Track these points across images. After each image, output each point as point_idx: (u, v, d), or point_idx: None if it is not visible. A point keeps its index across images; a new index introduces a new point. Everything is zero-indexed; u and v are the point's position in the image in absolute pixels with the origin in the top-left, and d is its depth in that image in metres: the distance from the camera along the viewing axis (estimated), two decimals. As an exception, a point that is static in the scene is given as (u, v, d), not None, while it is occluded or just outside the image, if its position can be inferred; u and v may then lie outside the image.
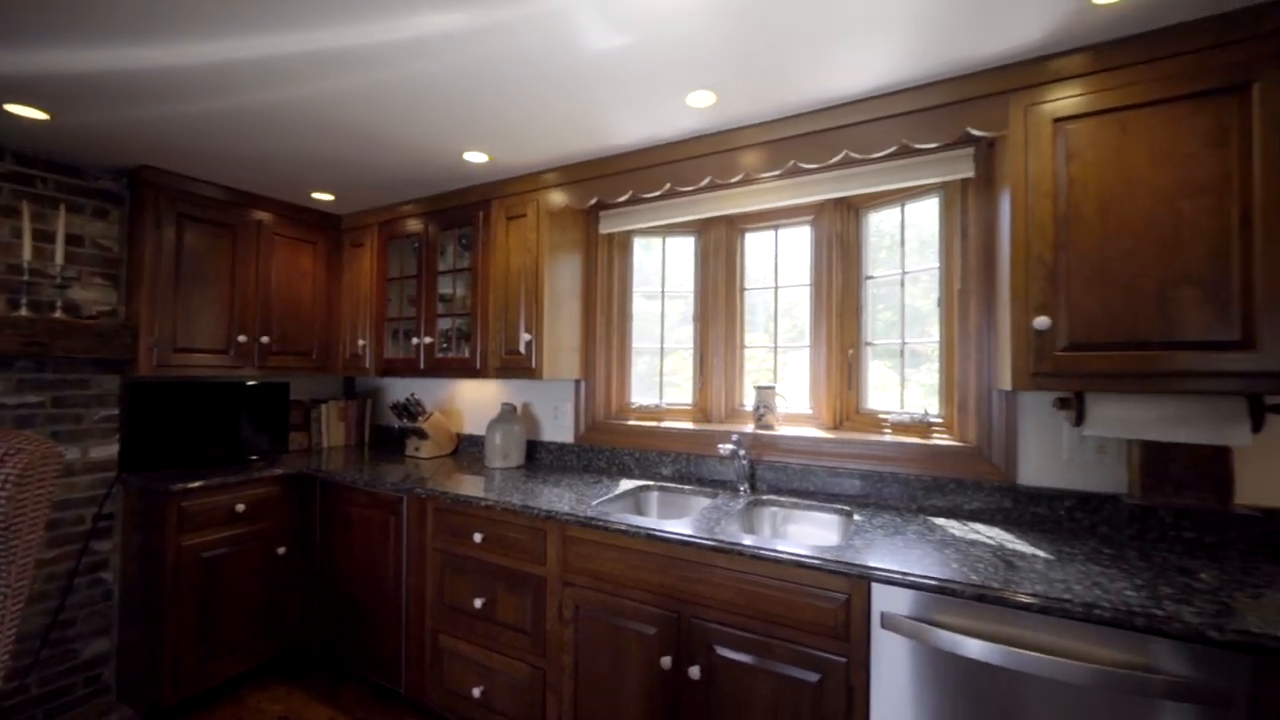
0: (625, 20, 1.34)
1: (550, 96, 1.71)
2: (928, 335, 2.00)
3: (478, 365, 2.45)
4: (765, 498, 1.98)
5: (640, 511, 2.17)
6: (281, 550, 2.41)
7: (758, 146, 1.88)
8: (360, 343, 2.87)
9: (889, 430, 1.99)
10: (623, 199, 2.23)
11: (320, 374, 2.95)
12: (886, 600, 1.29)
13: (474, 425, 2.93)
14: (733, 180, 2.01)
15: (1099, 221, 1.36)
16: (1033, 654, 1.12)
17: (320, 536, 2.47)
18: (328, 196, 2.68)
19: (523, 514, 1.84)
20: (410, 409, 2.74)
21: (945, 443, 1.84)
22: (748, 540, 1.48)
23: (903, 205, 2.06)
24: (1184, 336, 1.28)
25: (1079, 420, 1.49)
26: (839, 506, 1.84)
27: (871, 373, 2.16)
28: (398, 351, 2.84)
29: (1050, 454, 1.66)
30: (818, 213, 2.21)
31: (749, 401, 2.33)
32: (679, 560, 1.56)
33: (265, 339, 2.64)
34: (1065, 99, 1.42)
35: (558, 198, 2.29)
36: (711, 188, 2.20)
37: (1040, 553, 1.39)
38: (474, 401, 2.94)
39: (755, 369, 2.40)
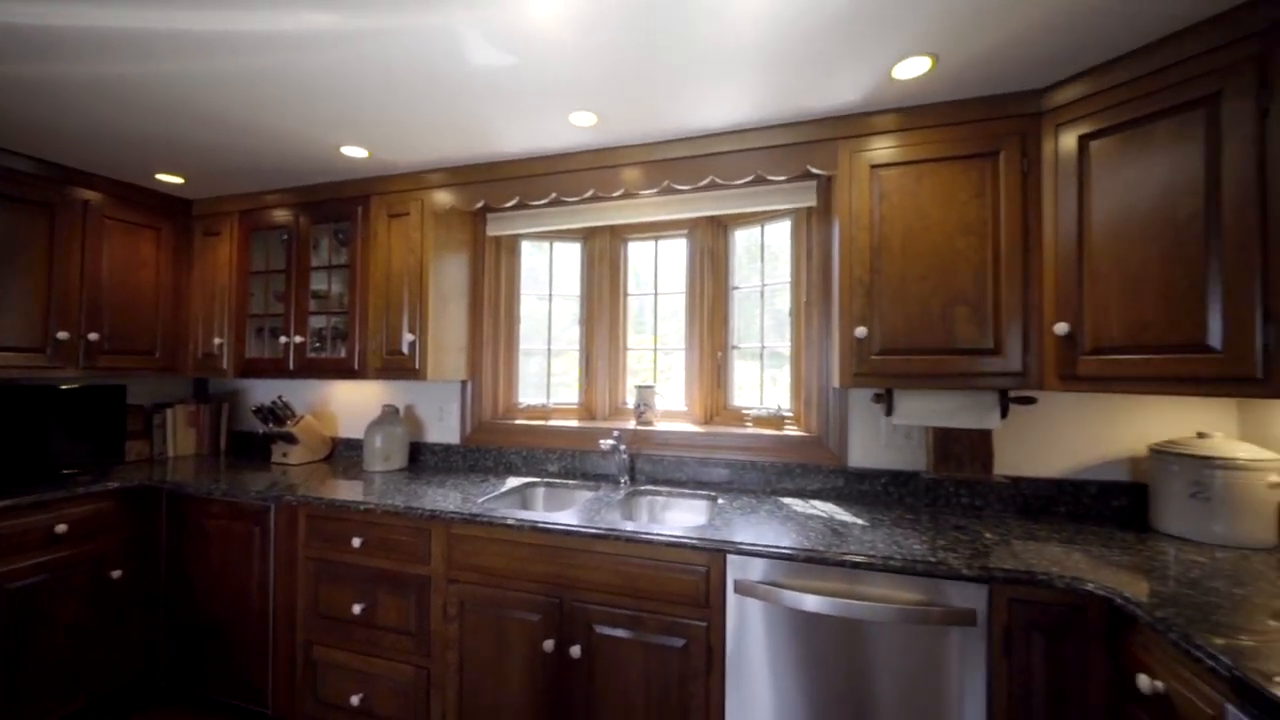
0: (509, 43, 1.42)
1: (437, 102, 1.73)
2: (784, 340, 2.29)
3: (356, 366, 2.36)
4: (643, 488, 2.15)
5: (527, 507, 2.24)
6: (117, 573, 2.15)
7: (637, 165, 2.05)
8: (216, 341, 2.62)
9: (750, 424, 2.26)
10: (510, 204, 2.29)
11: (166, 375, 2.65)
12: (739, 569, 1.50)
13: (351, 428, 2.80)
14: (615, 194, 2.16)
15: (901, 251, 1.69)
16: (851, 601, 1.38)
17: (168, 554, 2.24)
18: (176, 179, 2.43)
19: (406, 515, 1.84)
20: (277, 413, 2.56)
21: (794, 434, 2.14)
22: (626, 526, 1.63)
23: (763, 226, 2.34)
24: (959, 345, 1.64)
25: (889, 412, 1.83)
26: (707, 493, 2.07)
27: (737, 373, 2.42)
28: (262, 351, 2.64)
29: (871, 440, 2.01)
30: (692, 227, 2.43)
31: (631, 400, 2.50)
32: (562, 549, 1.67)
33: (94, 336, 2.33)
34: (880, 149, 1.73)
35: (444, 198, 2.29)
36: (595, 199, 2.33)
37: (860, 521, 1.70)
38: (351, 403, 2.82)
39: (637, 369, 2.57)
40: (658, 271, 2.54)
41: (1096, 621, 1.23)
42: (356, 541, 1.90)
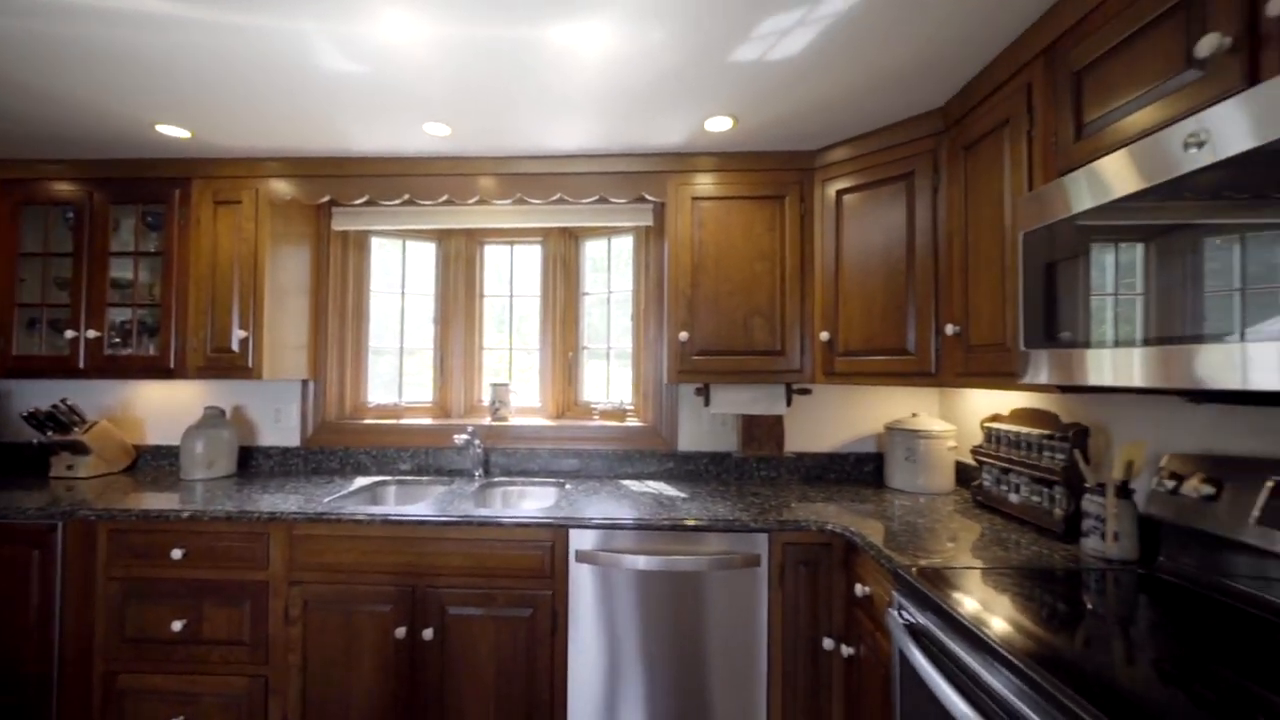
0: (361, 55, 1.49)
1: (279, 96, 1.71)
2: (628, 341, 2.58)
3: (172, 364, 2.16)
4: (497, 480, 2.29)
5: (377, 504, 2.25)
6: None
7: (492, 176, 2.18)
8: (-32, 335, 2.19)
9: (598, 417, 2.51)
10: (360, 200, 2.27)
11: (-113, 376, 2.15)
12: (580, 541, 1.73)
13: (163, 434, 2.52)
14: (470, 201, 2.26)
15: (715, 270, 2.06)
16: (672, 557, 1.69)
17: (-103, 594, 1.85)
18: (-92, 137, 2.00)
19: (241, 520, 1.77)
20: (60, 419, 2.22)
21: (634, 424, 2.43)
22: (478, 512, 1.77)
23: (609, 239, 2.61)
24: (757, 348, 2.05)
25: (708, 403, 2.20)
26: (557, 480, 2.27)
27: (588, 371, 2.66)
28: (38, 347, 2.26)
29: (695, 427, 2.38)
30: (546, 236, 2.62)
31: (487, 398, 2.61)
32: (414, 539, 1.75)
33: None
34: (699, 185, 2.09)
35: (283, 188, 2.19)
36: (451, 203, 2.41)
37: (683, 494, 2.03)
38: (163, 406, 2.52)
39: (496, 368, 2.69)
40: (513, 275, 2.69)
41: (839, 552, 1.68)
42: (177, 554, 1.77)
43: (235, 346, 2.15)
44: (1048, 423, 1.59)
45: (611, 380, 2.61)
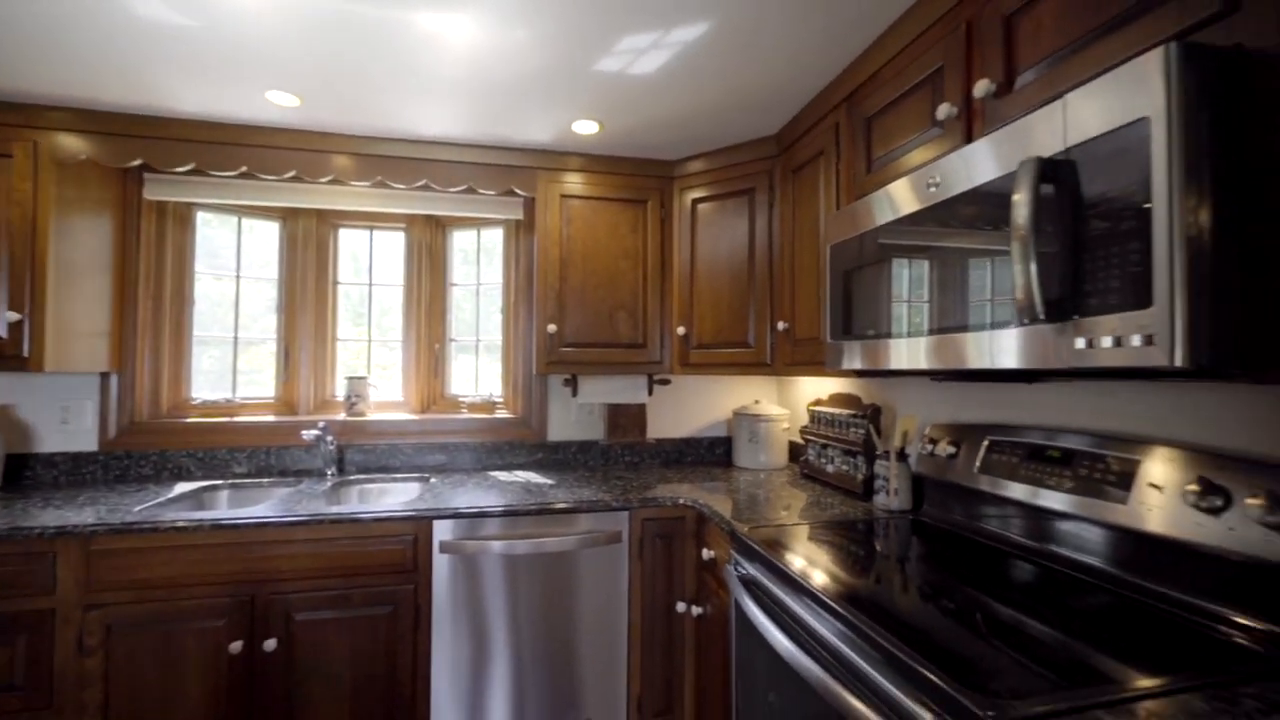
0: (187, 6, 1.34)
1: (80, 35, 1.46)
2: (498, 334, 2.58)
3: (-94, 353, 1.73)
4: (353, 478, 2.17)
5: (206, 509, 2.00)
6: None
7: (351, 156, 2.06)
8: None
9: (466, 410, 2.49)
10: (184, 169, 2.00)
11: None
12: (444, 532, 1.73)
13: (-114, 442, 1.99)
14: (324, 179, 2.11)
15: (582, 266, 2.16)
16: (540, 540, 1.75)
17: None
18: None
19: (13, 539, 1.49)
20: None
21: (504, 416, 2.45)
22: (332, 510, 1.68)
23: (479, 230, 2.59)
24: (622, 341, 2.19)
25: (575, 393, 2.29)
26: (421, 475, 2.21)
27: (456, 363, 2.61)
28: None
29: (564, 417, 2.46)
30: (410, 223, 2.52)
31: (342, 392, 2.44)
32: (255, 544, 1.61)
33: None
34: (568, 183, 2.17)
35: (76, 145, 1.86)
36: (299, 180, 2.22)
37: (550, 481, 2.10)
38: (-114, 408, 1.99)
39: (351, 362, 2.52)
40: (373, 262, 2.54)
41: (691, 523, 1.87)
42: (-82, 583, 1.44)
43: (3, 332, 1.78)
44: (854, 404, 1.93)
45: (481, 373, 2.60)
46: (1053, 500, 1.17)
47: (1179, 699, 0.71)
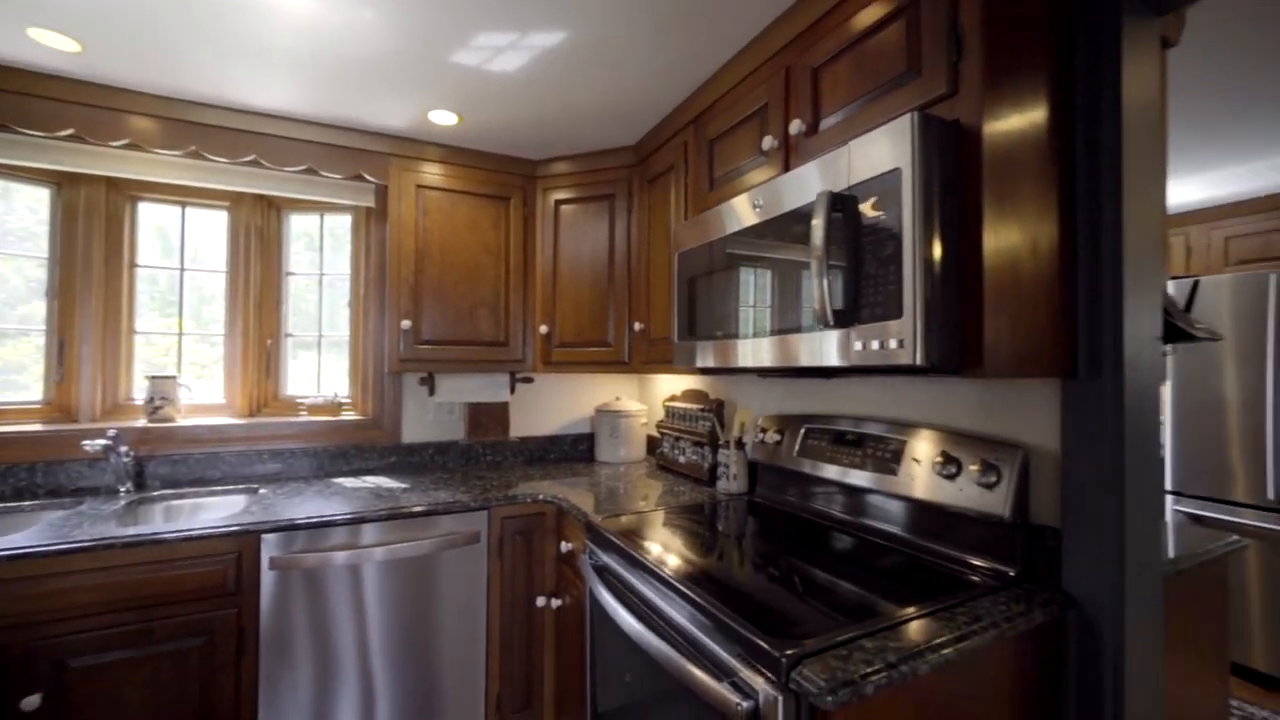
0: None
1: None
2: (345, 329, 2.38)
3: None
4: (157, 493, 1.87)
5: (-67, 548, 1.59)
6: None
7: (154, 119, 1.77)
8: None
9: (306, 412, 2.26)
10: (-103, 113, 1.57)
11: None
12: (275, 547, 1.57)
13: None
14: (117, 143, 1.78)
15: (440, 260, 2.08)
16: (393, 547, 1.66)
17: None
18: None
19: None
20: None
21: (352, 418, 2.27)
22: (126, 532, 1.44)
23: (322, 216, 2.37)
24: (483, 338, 2.15)
25: (432, 392, 2.21)
26: (248, 486, 1.97)
27: (294, 361, 2.36)
28: None
29: (421, 418, 2.35)
30: (236, 202, 2.23)
31: (142, 394, 2.08)
32: (10, 582, 1.33)
33: None
34: (426, 173, 2.08)
35: None
36: (82, 140, 1.85)
37: (404, 485, 2.00)
38: None
39: (158, 358, 2.16)
40: (184, 243, 2.20)
41: (551, 519, 1.91)
42: None
43: None
44: (703, 399, 2.11)
45: (325, 372, 2.38)
46: (851, 476, 1.40)
47: (917, 623, 0.91)
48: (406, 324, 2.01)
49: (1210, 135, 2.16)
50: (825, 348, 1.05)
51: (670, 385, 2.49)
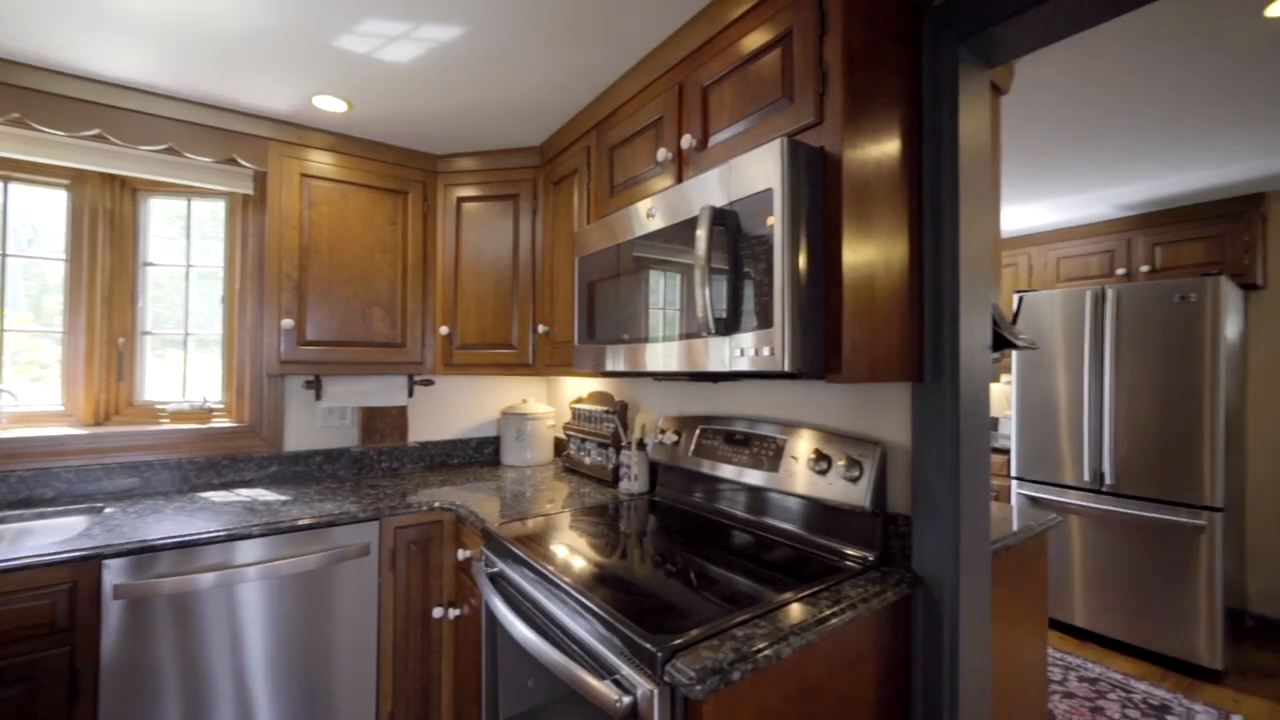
0: None
1: None
2: (217, 327, 2.16)
3: None
4: (-32, 517, 1.59)
5: None
6: None
7: (-41, 77, 1.51)
8: None
9: (167, 419, 2.02)
10: None
11: None
12: (121, 573, 1.39)
13: None
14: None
15: (329, 256, 1.95)
16: (269, 565, 1.52)
17: None
18: None
19: None
20: None
21: (225, 425, 2.07)
22: (-89, 565, 1.21)
23: (189, 200, 2.13)
24: (377, 339, 2.04)
25: (320, 396, 2.06)
26: (91, 505, 1.73)
27: (158, 362, 2.10)
28: None
29: (307, 424, 2.19)
30: (78, 180, 1.95)
31: (-53, 401, 1.77)
32: None
33: None
34: (312, 162, 1.94)
35: None
36: None
37: (284, 497, 1.85)
38: None
39: (-37, 358, 1.84)
40: (7, 224, 1.89)
41: (450, 526, 1.85)
42: None
43: None
44: (608, 401, 2.14)
45: (195, 374, 2.14)
46: (740, 474, 1.48)
47: (787, 609, 0.99)
48: (288, 323, 1.86)
49: (1046, 170, 2.51)
50: (710, 354, 1.11)
51: (578, 387, 2.50)
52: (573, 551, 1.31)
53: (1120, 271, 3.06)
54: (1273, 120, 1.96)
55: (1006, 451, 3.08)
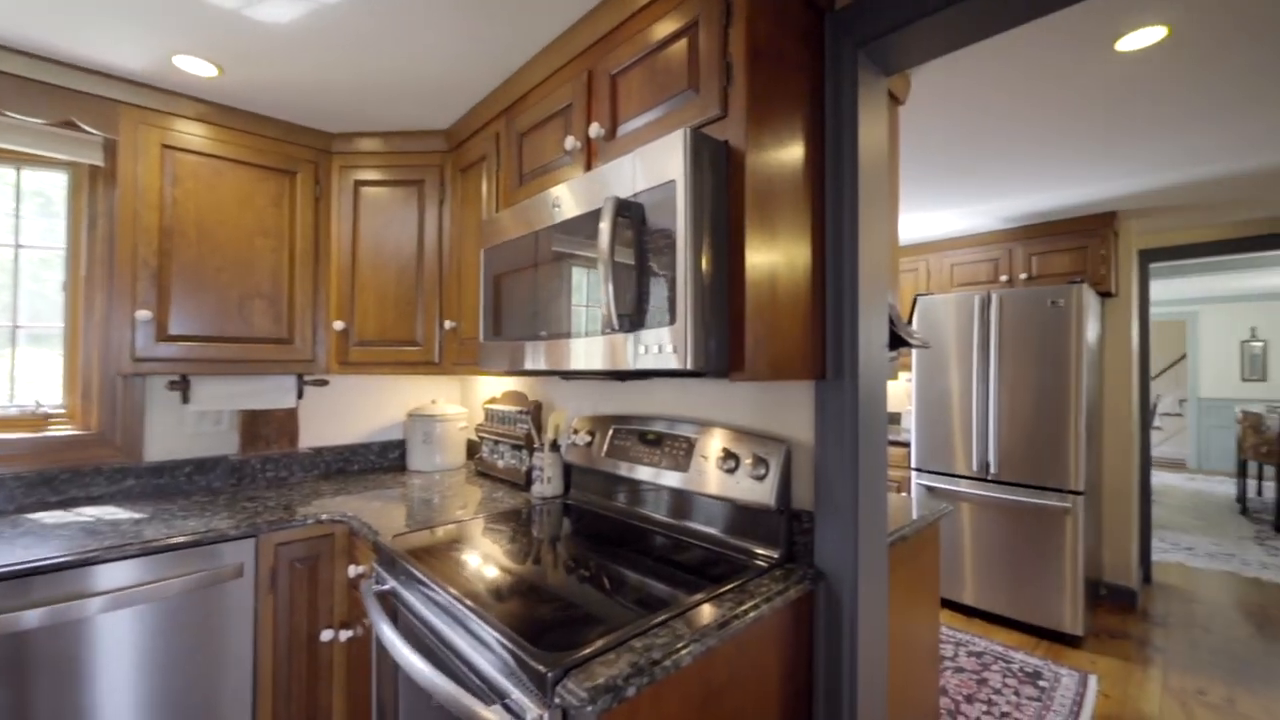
0: None
1: None
2: (55, 318, 1.85)
3: None
4: None
5: None
6: None
7: None
8: None
9: (-13, 427, 1.71)
10: None
11: None
12: (-92, 614, 1.14)
13: None
14: None
15: (198, 240, 1.72)
16: (115, 595, 1.31)
17: None
18: None
19: None
20: None
21: (64, 433, 1.77)
22: None
23: (19, 169, 1.81)
24: (258, 335, 1.83)
25: (187, 399, 1.82)
26: (-127, 533, 1.42)
27: (-30, 360, 1.77)
28: None
29: (174, 430, 1.93)
30: None
31: None
32: None
33: None
34: (177, 132, 1.70)
35: None
36: None
37: (139, 515, 1.61)
38: None
39: None
40: None
41: (343, 540, 1.69)
42: None
43: None
44: (522, 400, 2.05)
45: (29, 373, 1.82)
46: (651, 475, 1.45)
47: (689, 614, 0.96)
48: (144, 315, 1.62)
49: (944, 183, 2.69)
50: (615, 352, 1.07)
51: (492, 387, 2.38)
52: (475, 562, 1.22)
53: (1004, 278, 3.35)
54: (1120, 147, 2.20)
55: (908, 444, 3.29)
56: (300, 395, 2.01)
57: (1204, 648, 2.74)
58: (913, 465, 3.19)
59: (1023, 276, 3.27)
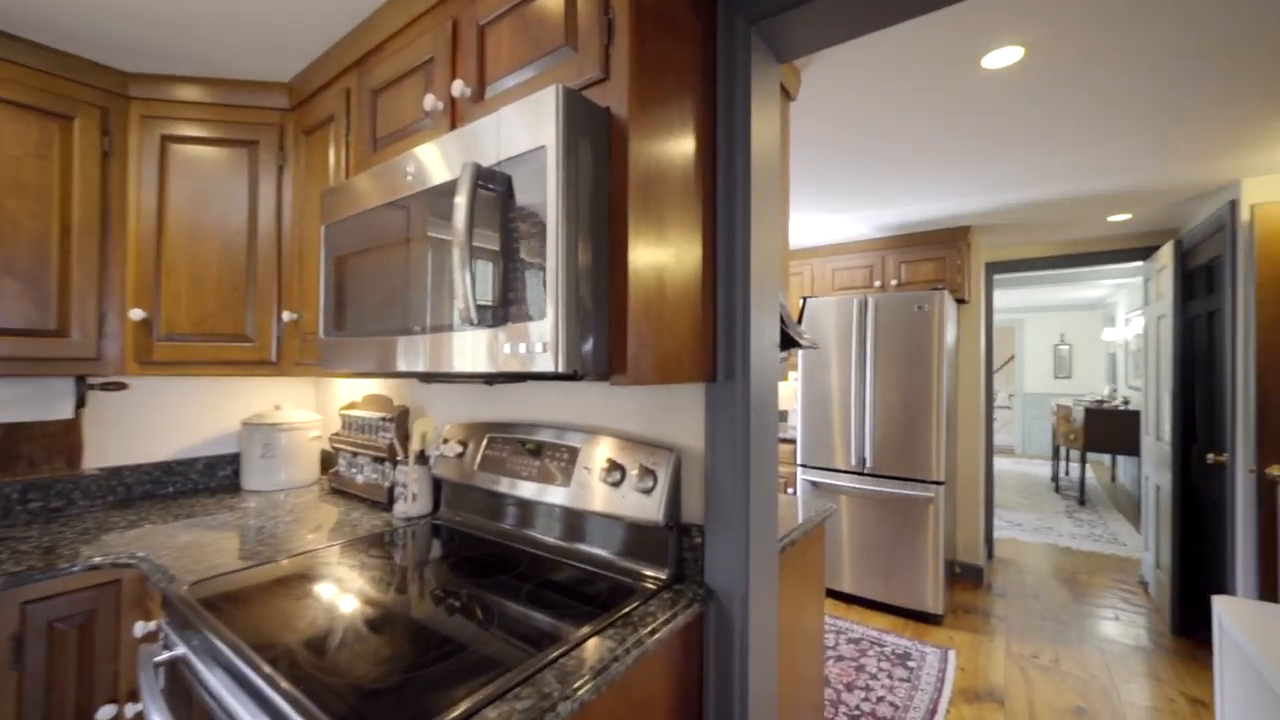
0: None
1: None
2: None
3: None
4: None
5: None
6: None
7: None
8: None
9: None
10: None
11: None
12: None
13: None
14: None
15: (-96, 194, 1.27)
16: None
17: None
18: None
19: None
20: None
21: None
22: None
23: None
24: (12, 325, 1.39)
25: (-109, 410, 1.34)
26: None
27: None
28: None
29: (-126, 452, 1.42)
30: None
31: None
32: None
33: None
34: None
35: None
36: None
37: None
38: None
39: None
40: None
41: (131, 588, 1.33)
42: None
43: None
44: (384, 405, 1.78)
45: None
46: (531, 490, 1.29)
47: (576, 650, 0.82)
48: None
49: (827, 186, 2.79)
50: (475, 350, 0.89)
51: (352, 390, 2.06)
52: (310, 609, 0.98)
53: (878, 284, 3.58)
54: (975, 165, 2.40)
55: (794, 441, 3.40)
56: (81, 403, 1.57)
57: (1034, 614, 3.11)
58: (799, 461, 3.31)
59: (894, 283, 3.52)
